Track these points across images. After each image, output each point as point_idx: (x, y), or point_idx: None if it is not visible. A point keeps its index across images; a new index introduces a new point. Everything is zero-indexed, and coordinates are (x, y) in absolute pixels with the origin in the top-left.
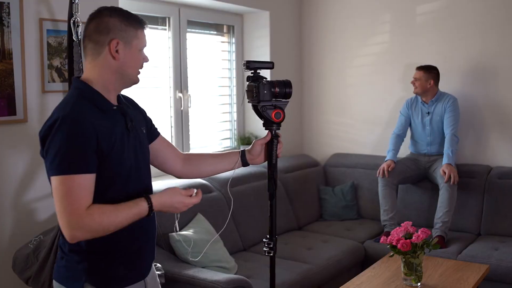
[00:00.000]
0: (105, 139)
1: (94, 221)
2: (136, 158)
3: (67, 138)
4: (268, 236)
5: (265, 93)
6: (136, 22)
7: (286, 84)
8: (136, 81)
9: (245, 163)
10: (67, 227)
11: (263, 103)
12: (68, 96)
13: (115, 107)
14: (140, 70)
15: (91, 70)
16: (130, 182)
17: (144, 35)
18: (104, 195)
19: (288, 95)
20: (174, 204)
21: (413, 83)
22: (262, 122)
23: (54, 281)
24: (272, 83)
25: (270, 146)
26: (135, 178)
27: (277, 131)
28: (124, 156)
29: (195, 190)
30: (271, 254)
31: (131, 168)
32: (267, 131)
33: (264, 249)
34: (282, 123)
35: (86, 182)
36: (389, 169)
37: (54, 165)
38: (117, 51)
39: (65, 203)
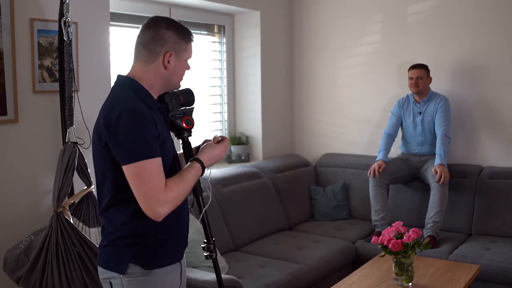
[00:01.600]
0: (159, 131)
1: (175, 193)
2: (174, 154)
3: (139, 127)
4: (205, 241)
5: (173, 103)
6: (188, 36)
7: (188, 93)
8: (178, 87)
9: None
10: (154, 207)
11: (172, 113)
12: (122, 92)
13: (158, 107)
14: (183, 77)
15: (141, 72)
16: (170, 175)
17: (192, 47)
18: None
19: (192, 102)
20: (215, 153)
21: (415, 83)
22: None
23: (99, 267)
24: (175, 94)
25: (188, 153)
26: (172, 174)
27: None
28: (168, 151)
29: (218, 137)
30: (214, 257)
31: (171, 163)
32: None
33: (205, 254)
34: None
35: (160, 164)
36: (380, 170)
37: (134, 153)
38: (168, 61)
39: (150, 185)
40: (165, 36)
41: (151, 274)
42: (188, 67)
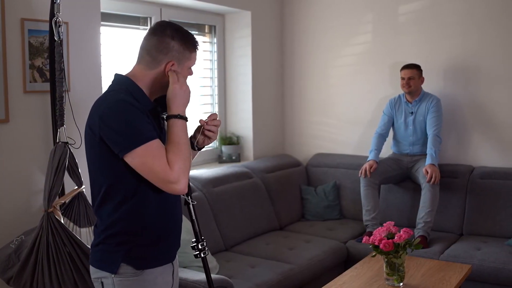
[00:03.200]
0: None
1: (181, 162)
2: None
3: (131, 116)
4: (194, 240)
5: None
6: (192, 46)
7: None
8: None
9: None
10: (170, 187)
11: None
12: (115, 88)
13: (151, 107)
14: None
15: (141, 74)
16: None
17: (196, 56)
18: (140, 183)
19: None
20: (179, 94)
21: (407, 83)
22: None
23: (91, 267)
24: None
25: None
26: None
27: None
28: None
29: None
30: (206, 254)
31: None
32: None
33: (195, 253)
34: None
35: (159, 144)
36: (371, 170)
37: (130, 141)
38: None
39: (156, 169)
40: (169, 45)
41: (143, 274)
42: (190, 73)
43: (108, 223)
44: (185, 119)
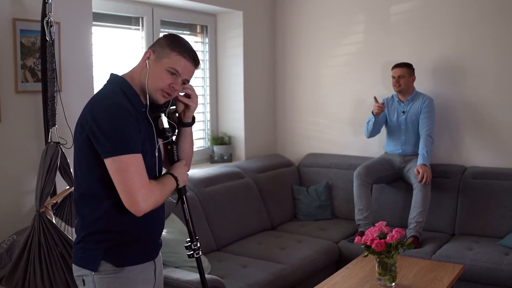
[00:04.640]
0: (140, 129)
1: (158, 195)
2: (157, 160)
3: (125, 123)
4: (189, 240)
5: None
6: (177, 47)
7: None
8: (153, 96)
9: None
10: (138, 201)
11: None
12: (110, 88)
13: (143, 109)
14: (163, 91)
15: (132, 71)
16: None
17: (181, 63)
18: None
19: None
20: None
21: (397, 81)
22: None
23: (73, 265)
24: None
25: (171, 152)
26: (152, 178)
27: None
28: (149, 155)
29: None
30: (200, 255)
31: (150, 168)
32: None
33: (189, 252)
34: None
35: (142, 160)
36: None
37: (119, 147)
38: (147, 61)
39: (137, 179)
40: (157, 41)
41: (123, 271)
42: (172, 85)
43: (88, 221)
44: (177, 185)
